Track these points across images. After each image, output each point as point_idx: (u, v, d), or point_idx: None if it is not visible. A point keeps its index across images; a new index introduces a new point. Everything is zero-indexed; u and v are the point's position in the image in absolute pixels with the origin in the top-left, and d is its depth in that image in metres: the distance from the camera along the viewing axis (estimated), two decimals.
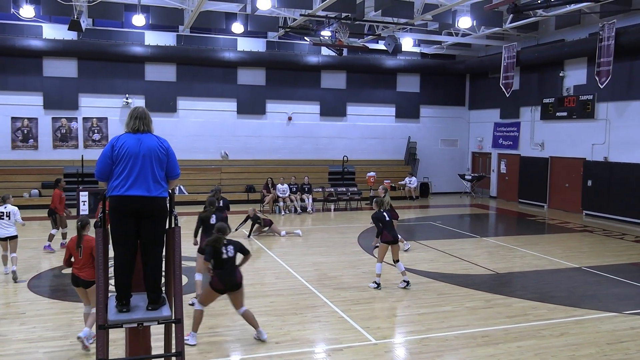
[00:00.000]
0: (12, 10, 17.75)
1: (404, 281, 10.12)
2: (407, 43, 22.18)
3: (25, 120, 20.67)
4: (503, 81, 22.05)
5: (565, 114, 20.53)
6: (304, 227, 17.04)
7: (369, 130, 24.95)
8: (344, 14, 18.03)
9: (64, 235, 12.99)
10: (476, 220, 19.58)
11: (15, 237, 10.37)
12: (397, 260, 10.21)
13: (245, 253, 7.55)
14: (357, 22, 18.76)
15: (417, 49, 24.37)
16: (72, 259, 7.19)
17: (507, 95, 22.13)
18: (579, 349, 7.32)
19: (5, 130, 20.46)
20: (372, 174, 22.86)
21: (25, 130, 20.71)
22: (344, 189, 21.81)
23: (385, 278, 10.62)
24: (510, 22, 19.26)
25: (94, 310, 6.76)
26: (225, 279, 7.17)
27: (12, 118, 20.49)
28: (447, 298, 9.59)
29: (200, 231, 9.33)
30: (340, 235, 15.57)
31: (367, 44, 21.69)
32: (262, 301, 9.20)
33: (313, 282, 10.39)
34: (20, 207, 17.15)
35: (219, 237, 7.26)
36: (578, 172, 20.07)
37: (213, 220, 8.97)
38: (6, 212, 10.27)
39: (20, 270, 10.75)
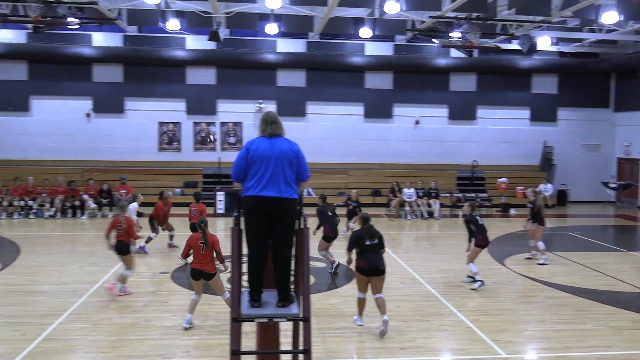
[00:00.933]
0: (159, 24, 19.40)
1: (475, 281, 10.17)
2: (544, 42, 20.87)
3: (170, 124, 22.47)
4: None
5: None
6: (431, 233, 16.71)
7: (500, 133, 23.87)
8: (474, 14, 17.42)
9: (171, 237, 13.58)
10: (622, 233, 17.91)
11: None
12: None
13: (382, 247, 8.17)
14: (488, 22, 18.03)
15: (554, 48, 22.86)
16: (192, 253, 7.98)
17: None
18: None
19: (153, 134, 22.40)
20: (503, 179, 21.80)
21: (170, 134, 22.51)
22: (473, 195, 21.06)
23: (517, 290, 10.09)
24: None
25: (227, 294, 7.70)
26: (369, 261, 7.83)
27: (159, 122, 22.37)
28: (587, 315, 8.86)
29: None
30: (467, 242, 14.99)
31: (499, 44, 20.75)
32: (387, 305, 9.11)
33: (439, 290, 10.13)
34: None
35: (370, 225, 8.12)
36: None
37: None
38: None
39: (165, 264, 11.72)
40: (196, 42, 21.81)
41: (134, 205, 13.33)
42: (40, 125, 21.68)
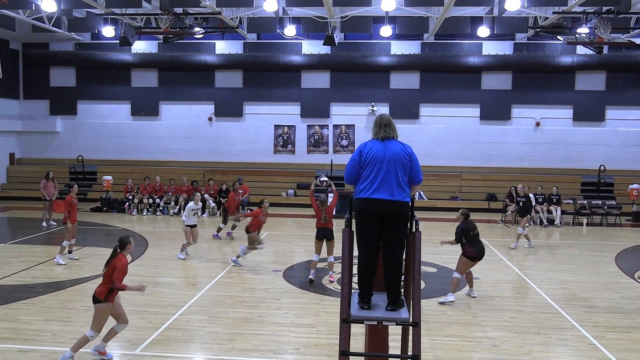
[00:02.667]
0: (277, 30, 20.12)
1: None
2: None
3: (285, 127, 23.19)
4: None
5: None
6: (551, 242, 15.79)
7: (632, 136, 21.99)
8: (605, 8, 16.20)
9: (233, 227, 15.17)
10: None
11: (194, 226, 12.51)
12: None
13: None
14: (621, 15, 16.67)
15: None
16: None
17: None
18: None
19: (269, 137, 23.25)
20: (636, 186, 20.03)
21: (284, 137, 23.24)
22: (600, 202, 19.59)
23: None
24: None
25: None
26: (479, 250, 9.38)
27: (275, 126, 23.18)
28: None
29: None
30: (593, 252, 14.01)
31: (633, 39, 19.13)
32: (501, 315, 8.77)
33: (559, 302, 9.53)
34: (277, 205, 19.42)
35: (470, 220, 9.57)
36: None
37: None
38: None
39: (278, 262, 12.14)
40: (311, 47, 22.33)
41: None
42: (167, 129, 23.37)
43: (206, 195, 19.60)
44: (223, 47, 22.81)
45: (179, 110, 23.37)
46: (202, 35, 19.95)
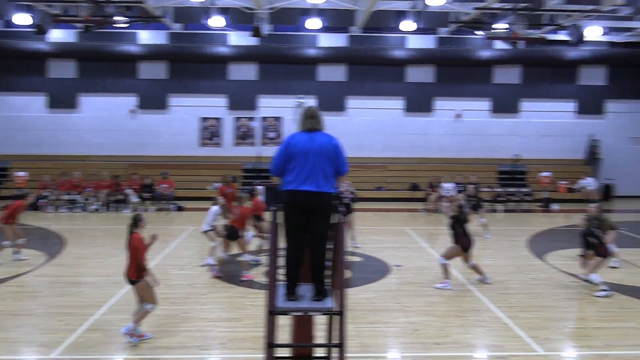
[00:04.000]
0: (203, 20, 19.74)
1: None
2: (592, 32, 20.24)
3: (212, 120, 22.89)
4: None
5: None
6: (470, 228, 16.52)
7: (544, 127, 23.33)
8: (521, 5, 17.06)
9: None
10: None
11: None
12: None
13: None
14: (536, 13, 17.61)
15: (604, 38, 22.13)
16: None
17: None
18: None
19: (195, 129, 22.86)
20: (545, 174, 21.30)
21: (211, 129, 22.93)
22: (514, 190, 20.69)
23: (557, 287, 9.93)
24: None
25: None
26: (470, 241, 9.84)
27: (201, 118, 22.83)
28: (632, 313, 8.65)
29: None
30: (508, 238, 14.83)
31: (545, 35, 20.26)
32: (422, 301, 9.15)
33: (477, 285, 10.05)
34: (203, 199, 19.16)
35: (464, 212, 10.01)
36: None
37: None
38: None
39: (203, 257, 11.96)
40: (239, 38, 22.11)
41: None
42: (88, 122, 22.46)
43: (128, 190, 19.06)
44: (147, 37, 22.15)
45: (100, 103, 22.49)
46: (125, 25, 19.27)
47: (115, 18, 17.46)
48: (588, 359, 6.97)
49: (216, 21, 19.26)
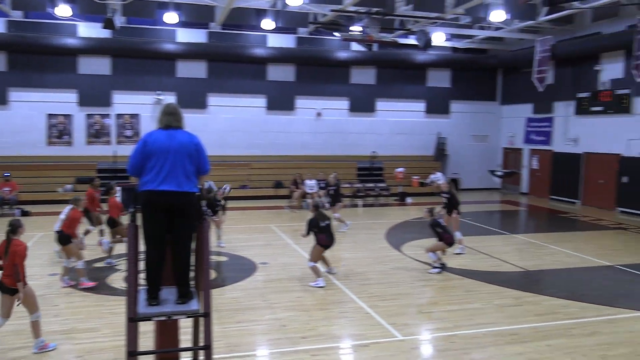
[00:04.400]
0: (47, 9, 18.18)
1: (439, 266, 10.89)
2: (439, 37, 21.93)
3: (60, 117, 21.20)
4: (536, 75, 21.63)
5: (600, 108, 20.06)
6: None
7: (398, 126, 24.82)
8: (374, 9, 17.96)
9: (101, 232, 12.59)
10: (506, 217, 19.32)
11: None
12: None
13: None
14: (387, 17, 18.65)
15: (448, 44, 24.07)
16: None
17: (541, 90, 21.72)
18: (610, 348, 7.18)
19: (41, 127, 21.02)
20: (400, 169, 22.73)
21: (60, 127, 21.24)
22: (372, 185, 21.75)
23: (412, 275, 10.62)
24: (545, 15, 18.86)
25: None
26: (330, 238, 10.02)
27: (48, 115, 21.04)
28: (476, 295, 9.51)
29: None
30: (367, 231, 15.56)
31: (397, 39, 21.54)
32: (288, 296, 9.28)
33: (340, 278, 10.42)
34: (54, 202, 17.74)
35: (320, 211, 10.17)
36: (613, 168, 19.61)
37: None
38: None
39: (51, 263, 11.07)
40: (89, 30, 20.69)
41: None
42: None
43: None
44: None
45: None
46: None
47: None
48: (440, 340, 7.54)
49: (63, 10, 17.86)
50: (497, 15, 18.35)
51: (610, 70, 19.88)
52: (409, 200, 21.55)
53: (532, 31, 22.16)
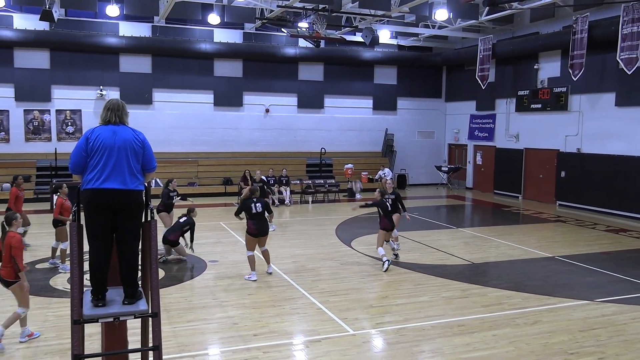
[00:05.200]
0: None
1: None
2: (384, 35, 22.22)
3: None
4: (479, 73, 22.27)
5: (539, 106, 20.84)
6: (282, 220, 17.04)
7: (346, 122, 24.99)
8: (321, 6, 17.98)
9: (24, 233, 12.06)
10: (452, 211, 19.80)
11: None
12: (388, 241, 11.46)
13: (269, 212, 10.50)
14: (334, 14, 18.72)
15: (394, 41, 24.43)
16: None
17: (483, 88, 22.37)
18: (552, 336, 7.47)
19: None
20: (349, 165, 22.93)
21: None
22: (322, 181, 21.85)
23: (362, 270, 10.72)
24: (486, 15, 19.43)
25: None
26: (258, 227, 9.84)
27: None
28: (424, 288, 9.69)
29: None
30: (318, 227, 15.61)
31: (344, 36, 21.67)
32: (240, 294, 9.19)
33: (291, 274, 10.40)
34: None
35: (251, 196, 9.94)
36: (552, 164, 20.41)
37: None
38: None
39: None
40: (25, 22, 19.85)
41: None
42: None
43: None
44: None
45: None
46: None
47: None
48: (391, 333, 7.64)
49: None
50: (441, 14, 18.79)
51: (548, 68, 20.68)
52: (358, 196, 21.75)
53: (475, 30, 22.80)
